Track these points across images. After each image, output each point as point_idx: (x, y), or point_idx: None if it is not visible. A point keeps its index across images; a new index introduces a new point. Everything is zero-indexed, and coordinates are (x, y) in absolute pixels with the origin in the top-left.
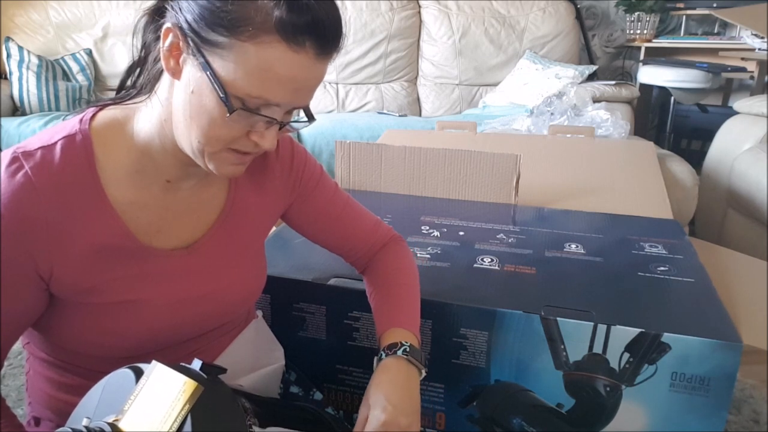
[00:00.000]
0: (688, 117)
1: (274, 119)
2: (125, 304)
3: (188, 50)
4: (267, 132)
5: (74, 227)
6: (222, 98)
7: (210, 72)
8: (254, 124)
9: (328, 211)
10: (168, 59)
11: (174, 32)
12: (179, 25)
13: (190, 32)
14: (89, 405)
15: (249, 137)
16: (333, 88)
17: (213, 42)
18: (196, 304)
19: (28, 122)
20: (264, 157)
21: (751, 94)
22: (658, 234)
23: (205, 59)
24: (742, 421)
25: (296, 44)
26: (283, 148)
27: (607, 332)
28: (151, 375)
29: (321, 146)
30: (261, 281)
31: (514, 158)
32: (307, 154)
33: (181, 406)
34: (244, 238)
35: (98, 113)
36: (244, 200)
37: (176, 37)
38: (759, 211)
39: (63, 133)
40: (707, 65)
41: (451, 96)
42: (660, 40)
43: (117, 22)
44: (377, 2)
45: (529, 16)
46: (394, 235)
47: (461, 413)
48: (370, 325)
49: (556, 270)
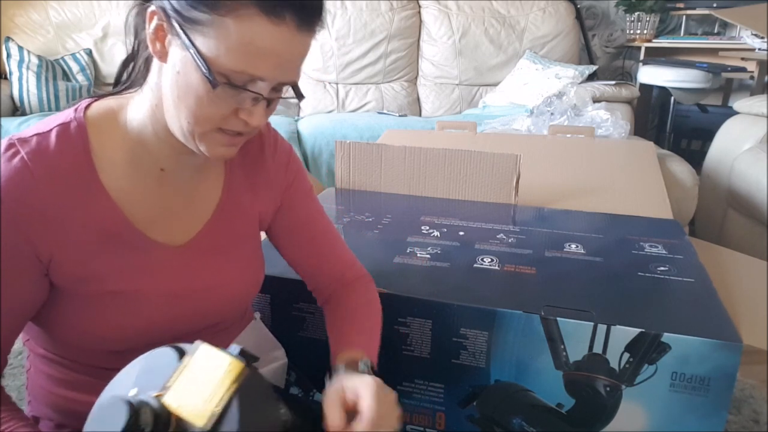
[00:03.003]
0: (688, 117)
1: (260, 95)
2: (122, 295)
3: (172, 31)
4: (254, 109)
5: (71, 212)
6: (205, 74)
7: (193, 50)
8: (241, 102)
9: (309, 227)
10: (154, 42)
11: (158, 14)
12: (162, 6)
13: (172, 12)
14: (126, 381)
15: (237, 116)
16: (333, 88)
17: (194, 20)
18: (193, 298)
19: (28, 122)
20: (260, 156)
21: (751, 94)
22: (658, 234)
23: (188, 37)
24: (742, 421)
25: (276, 17)
26: (281, 152)
27: (607, 332)
28: (196, 353)
29: (321, 146)
30: (258, 278)
31: (514, 158)
32: (302, 165)
33: (227, 386)
34: (239, 233)
35: (93, 104)
36: (239, 196)
37: (160, 19)
38: (759, 211)
39: (58, 121)
40: (707, 65)
41: (451, 96)
42: (660, 40)
43: (117, 22)
44: (377, 2)
45: (529, 16)
46: (367, 274)
47: (461, 413)
48: None
49: (556, 270)
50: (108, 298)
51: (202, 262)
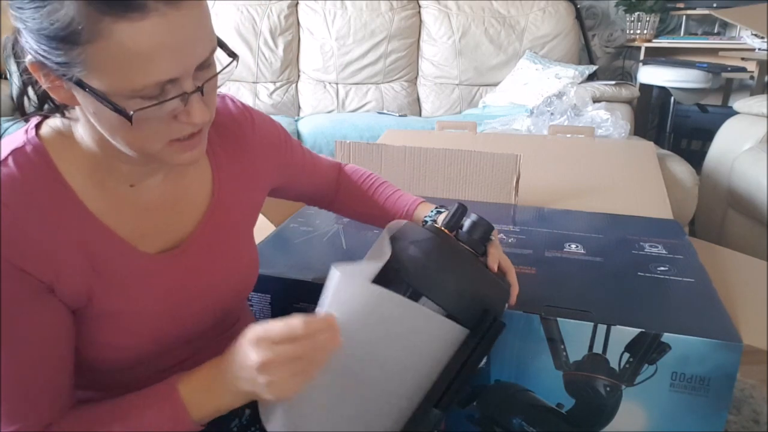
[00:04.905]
0: (688, 117)
1: (183, 93)
2: (126, 310)
3: (60, 78)
4: (189, 107)
5: (58, 237)
6: (113, 109)
7: (89, 89)
8: (171, 109)
9: (304, 169)
10: (56, 93)
11: (38, 67)
12: (36, 58)
13: (47, 61)
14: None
15: (178, 121)
16: (333, 88)
17: (69, 62)
18: (195, 301)
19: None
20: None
21: (751, 94)
22: (658, 234)
23: (77, 79)
24: (742, 421)
25: (135, 11)
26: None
27: (607, 332)
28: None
29: (321, 146)
30: (255, 269)
31: (514, 158)
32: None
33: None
34: (235, 227)
35: (41, 124)
36: (230, 186)
37: (44, 70)
38: (759, 211)
39: (10, 147)
40: (707, 65)
41: (451, 96)
42: (660, 40)
43: None
44: (377, 2)
45: (529, 16)
46: (338, 162)
47: (461, 413)
48: None
49: (556, 270)
50: (112, 315)
51: (199, 262)
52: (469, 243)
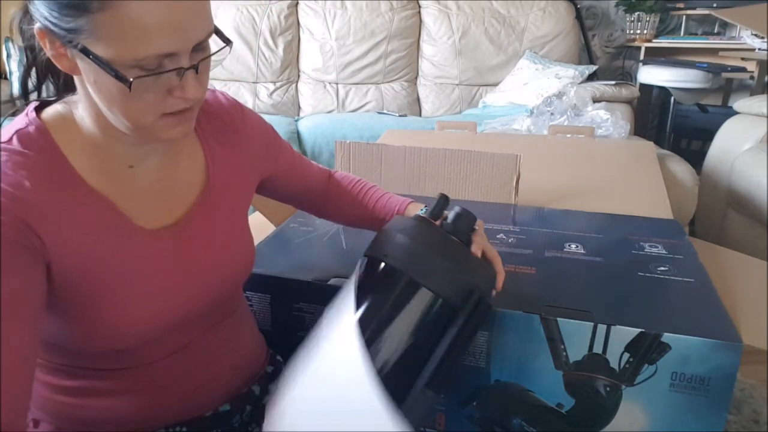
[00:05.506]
0: (688, 117)
1: (180, 68)
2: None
3: (66, 45)
4: (184, 82)
5: (62, 212)
6: (114, 76)
7: (92, 56)
8: (167, 82)
9: (293, 169)
10: (59, 61)
11: (46, 34)
12: (44, 25)
13: (55, 28)
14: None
15: (172, 95)
16: (333, 88)
17: (76, 29)
18: (191, 282)
19: None
20: (232, 128)
21: (751, 94)
22: (658, 234)
23: (82, 47)
24: (742, 421)
25: None
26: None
27: (607, 332)
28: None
29: (321, 146)
30: (250, 255)
31: (514, 158)
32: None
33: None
34: (229, 209)
35: (41, 109)
36: (223, 171)
37: (51, 37)
38: (759, 211)
39: (14, 128)
40: (707, 65)
41: (451, 96)
42: (660, 40)
43: None
44: (377, 2)
45: (529, 16)
46: (328, 169)
47: (461, 413)
48: None
49: (556, 270)
50: (110, 292)
51: (196, 243)
52: (454, 232)
